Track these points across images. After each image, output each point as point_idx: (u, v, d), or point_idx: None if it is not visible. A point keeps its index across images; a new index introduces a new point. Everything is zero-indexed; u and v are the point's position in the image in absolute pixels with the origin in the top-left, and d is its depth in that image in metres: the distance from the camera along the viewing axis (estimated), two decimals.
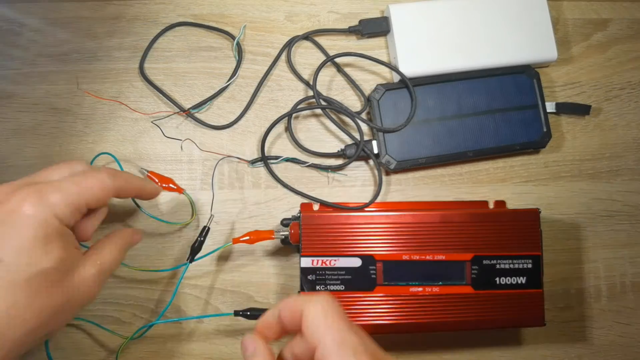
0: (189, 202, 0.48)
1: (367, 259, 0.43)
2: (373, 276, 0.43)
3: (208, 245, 0.47)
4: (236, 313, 0.43)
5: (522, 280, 0.44)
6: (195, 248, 0.45)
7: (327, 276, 0.43)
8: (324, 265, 0.43)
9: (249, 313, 0.43)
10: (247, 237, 0.44)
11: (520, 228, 0.44)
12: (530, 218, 0.44)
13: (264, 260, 0.48)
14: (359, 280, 0.43)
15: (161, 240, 0.47)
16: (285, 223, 0.46)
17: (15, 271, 0.30)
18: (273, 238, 0.44)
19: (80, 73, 0.49)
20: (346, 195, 0.49)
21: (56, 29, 0.50)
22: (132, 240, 0.40)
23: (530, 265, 0.44)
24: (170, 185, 0.47)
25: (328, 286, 0.42)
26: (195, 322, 0.47)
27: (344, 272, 0.43)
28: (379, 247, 0.43)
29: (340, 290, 0.43)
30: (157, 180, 0.46)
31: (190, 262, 0.45)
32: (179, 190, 0.47)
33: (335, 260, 0.43)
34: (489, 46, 0.49)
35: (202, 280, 0.47)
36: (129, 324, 0.46)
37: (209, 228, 0.46)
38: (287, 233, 0.44)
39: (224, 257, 0.47)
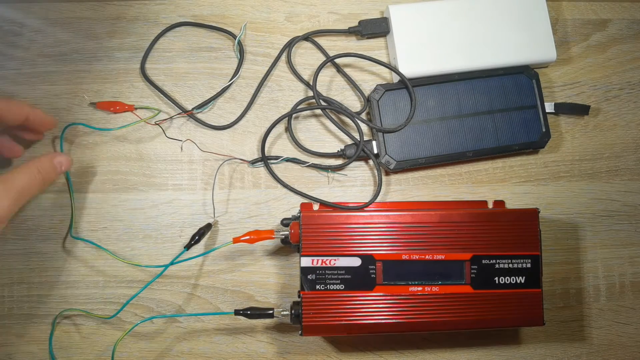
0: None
1: (367, 259, 0.43)
2: (373, 276, 0.43)
3: (208, 244, 0.47)
4: (236, 312, 0.44)
5: (521, 279, 0.44)
6: (197, 239, 0.46)
7: (327, 275, 0.43)
8: (324, 265, 0.43)
9: (249, 312, 0.43)
10: (248, 237, 0.44)
11: (519, 228, 0.44)
12: (529, 218, 0.44)
13: (264, 260, 0.48)
14: (358, 280, 0.43)
15: (161, 240, 0.47)
16: (285, 223, 0.46)
17: None
18: (273, 238, 0.44)
19: (80, 74, 0.49)
20: (346, 195, 0.49)
21: (56, 29, 0.50)
22: (54, 168, 0.42)
23: (529, 265, 0.44)
24: None
25: (328, 285, 0.42)
26: (195, 321, 0.47)
27: (343, 272, 0.43)
28: (379, 247, 0.43)
29: (340, 290, 0.43)
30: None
31: (187, 248, 0.46)
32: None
33: (335, 260, 0.43)
34: (489, 47, 0.49)
35: (202, 280, 0.47)
36: (130, 323, 0.46)
37: (211, 224, 0.47)
38: (287, 233, 0.44)
39: (224, 257, 0.48)
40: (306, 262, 0.43)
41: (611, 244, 0.50)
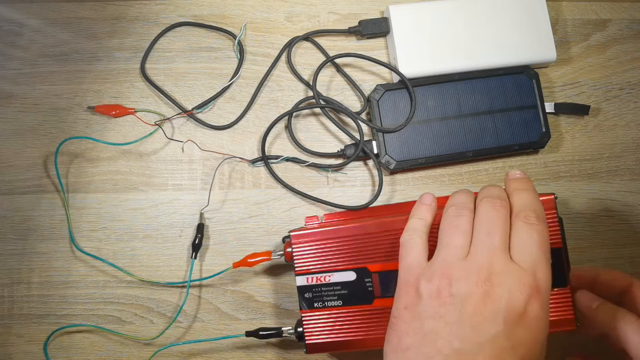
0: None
1: (362, 272, 0.40)
2: (370, 289, 0.40)
3: (209, 243, 0.47)
4: (247, 334, 0.44)
5: None
6: (196, 245, 0.46)
7: (323, 293, 0.41)
8: (319, 282, 0.41)
9: (260, 333, 0.43)
10: (247, 261, 0.44)
11: None
12: (545, 207, 0.37)
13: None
14: (356, 294, 0.40)
15: (161, 241, 0.47)
16: (285, 240, 0.44)
17: None
18: (270, 259, 0.44)
19: (80, 74, 0.49)
20: (346, 196, 0.49)
21: (56, 29, 0.50)
22: None
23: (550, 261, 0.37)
24: None
25: (326, 302, 0.41)
26: (195, 321, 0.47)
27: (339, 287, 0.41)
28: (372, 258, 0.40)
29: (338, 306, 0.41)
30: None
31: (195, 258, 0.46)
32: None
33: (329, 276, 0.41)
34: (489, 47, 0.49)
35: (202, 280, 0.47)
36: (129, 323, 0.46)
37: (203, 224, 0.47)
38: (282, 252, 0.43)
39: (224, 256, 0.47)
40: (301, 281, 0.41)
41: (611, 244, 0.50)
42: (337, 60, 0.50)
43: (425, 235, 0.35)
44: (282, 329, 0.43)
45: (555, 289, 0.38)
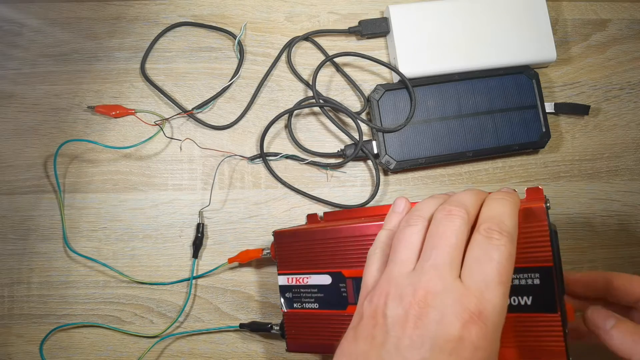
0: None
1: (337, 276, 0.38)
2: (344, 294, 0.38)
3: (210, 245, 0.47)
4: (241, 326, 0.45)
5: (526, 300, 0.32)
6: (197, 245, 0.47)
7: (302, 294, 0.40)
8: (297, 283, 0.40)
9: (253, 326, 0.45)
10: (240, 257, 0.46)
11: (521, 231, 0.31)
12: (534, 217, 0.32)
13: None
14: (331, 299, 0.39)
15: (161, 241, 0.47)
16: None
17: None
18: (260, 257, 0.45)
19: (80, 74, 0.49)
20: (346, 195, 0.49)
21: (56, 29, 0.50)
22: None
23: (537, 281, 0.32)
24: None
25: (304, 304, 0.40)
26: (195, 321, 0.47)
27: (316, 290, 0.39)
28: (347, 263, 0.38)
29: (315, 309, 0.39)
30: None
31: (196, 257, 0.47)
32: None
33: (307, 278, 0.40)
34: (489, 47, 0.49)
35: (202, 280, 0.47)
36: (129, 323, 0.46)
37: (203, 224, 0.47)
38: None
39: (223, 256, 0.48)
40: (282, 280, 0.41)
41: (611, 244, 0.50)
42: (337, 60, 0.50)
43: (389, 248, 0.32)
44: (272, 324, 0.44)
45: (543, 314, 0.32)
